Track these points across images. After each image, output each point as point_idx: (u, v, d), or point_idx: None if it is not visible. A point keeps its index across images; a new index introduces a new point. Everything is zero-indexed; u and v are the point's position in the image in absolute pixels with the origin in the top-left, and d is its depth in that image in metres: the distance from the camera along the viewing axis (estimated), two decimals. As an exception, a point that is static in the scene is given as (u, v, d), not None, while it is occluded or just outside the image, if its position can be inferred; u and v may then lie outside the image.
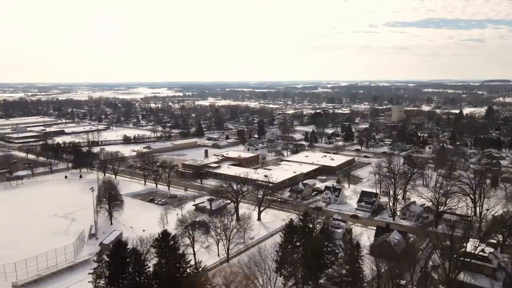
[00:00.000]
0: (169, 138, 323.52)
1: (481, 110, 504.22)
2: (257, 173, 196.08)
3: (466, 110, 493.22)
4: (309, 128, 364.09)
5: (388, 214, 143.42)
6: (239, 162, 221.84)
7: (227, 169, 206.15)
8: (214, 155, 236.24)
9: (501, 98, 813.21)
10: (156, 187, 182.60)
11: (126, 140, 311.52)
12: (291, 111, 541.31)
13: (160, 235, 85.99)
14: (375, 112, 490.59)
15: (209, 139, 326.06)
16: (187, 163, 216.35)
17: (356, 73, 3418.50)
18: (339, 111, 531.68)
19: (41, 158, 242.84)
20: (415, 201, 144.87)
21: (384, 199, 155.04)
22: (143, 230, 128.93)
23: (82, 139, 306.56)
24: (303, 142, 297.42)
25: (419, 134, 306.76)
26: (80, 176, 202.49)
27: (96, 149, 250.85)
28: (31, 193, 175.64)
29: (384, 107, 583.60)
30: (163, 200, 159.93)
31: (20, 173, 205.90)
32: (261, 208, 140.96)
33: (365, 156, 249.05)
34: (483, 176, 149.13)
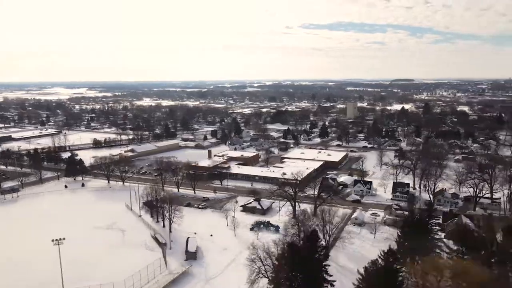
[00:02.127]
0: (142, 141, 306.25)
1: (410, 106, 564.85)
2: (273, 171, 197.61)
3: (398, 106, 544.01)
4: (276, 126, 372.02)
5: (424, 202, 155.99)
6: (245, 162, 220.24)
7: (239, 169, 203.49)
8: (215, 155, 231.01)
9: (415, 95, 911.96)
10: (178, 191, 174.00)
11: (96, 144, 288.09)
12: (248, 110, 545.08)
13: (309, 234, 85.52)
14: (324, 110, 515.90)
15: (184, 140, 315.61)
16: (194, 164, 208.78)
17: (277, 73, 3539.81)
18: (289, 108, 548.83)
19: (10, 168, 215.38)
20: (445, 188, 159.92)
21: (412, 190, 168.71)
22: (211, 235, 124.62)
23: (38, 145, 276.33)
24: (283, 140, 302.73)
25: (384, 129, 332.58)
26: (82, 185, 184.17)
27: (65, 155, 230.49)
28: (39, 207, 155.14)
29: (329, 104, 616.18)
30: (203, 204, 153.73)
31: (5, 185, 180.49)
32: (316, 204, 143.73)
33: (351, 151, 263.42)
34: (500, 163, 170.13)
